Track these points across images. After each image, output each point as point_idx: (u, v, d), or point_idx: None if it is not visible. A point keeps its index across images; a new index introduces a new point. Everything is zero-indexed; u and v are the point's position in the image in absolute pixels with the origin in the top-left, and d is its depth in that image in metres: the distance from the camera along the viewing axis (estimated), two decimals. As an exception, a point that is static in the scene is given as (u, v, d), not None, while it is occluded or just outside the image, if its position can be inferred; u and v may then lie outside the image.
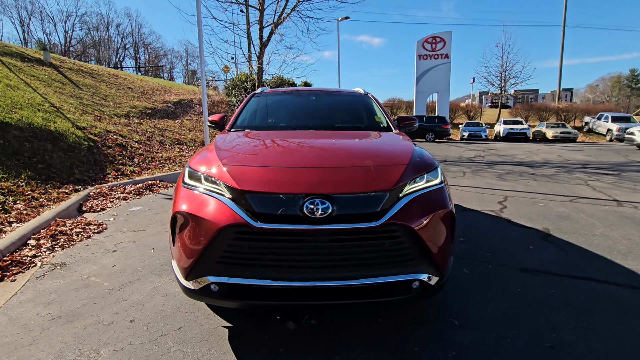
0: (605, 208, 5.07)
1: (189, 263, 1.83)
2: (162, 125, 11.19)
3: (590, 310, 2.34)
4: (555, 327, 2.16)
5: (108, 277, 2.86)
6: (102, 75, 14.00)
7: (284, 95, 3.80)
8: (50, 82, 10.15)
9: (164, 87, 17.12)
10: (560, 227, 4.17)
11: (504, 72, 30.50)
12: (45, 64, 11.52)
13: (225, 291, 1.81)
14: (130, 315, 2.29)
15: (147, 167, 7.72)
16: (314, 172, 1.89)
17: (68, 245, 3.58)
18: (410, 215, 1.78)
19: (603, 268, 3.01)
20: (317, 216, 1.68)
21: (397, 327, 2.15)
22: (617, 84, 61.50)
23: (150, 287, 2.68)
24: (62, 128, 7.20)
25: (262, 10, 13.06)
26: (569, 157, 12.21)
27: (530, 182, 7.28)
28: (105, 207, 5.11)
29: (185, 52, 60.06)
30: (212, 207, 1.80)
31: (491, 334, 2.09)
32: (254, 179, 1.84)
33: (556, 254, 3.35)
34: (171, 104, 13.93)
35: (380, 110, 3.48)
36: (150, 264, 3.10)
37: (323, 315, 2.28)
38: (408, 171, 1.96)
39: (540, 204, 5.34)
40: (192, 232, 1.82)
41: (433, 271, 1.88)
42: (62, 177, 5.80)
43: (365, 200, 1.77)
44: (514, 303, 2.44)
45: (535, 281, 2.77)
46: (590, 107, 31.04)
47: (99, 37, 52.36)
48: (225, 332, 2.11)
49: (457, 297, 2.52)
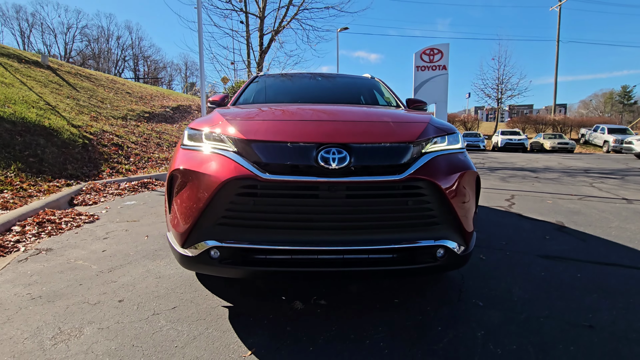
0: (616, 205, 4.92)
1: (187, 227, 1.63)
2: (160, 129, 11.03)
3: (624, 292, 2.14)
4: (590, 307, 1.96)
5: (97, 260, 2.63)
6: (100, 79, 13.90)
7: (286, 77, 3.65)
8: (46, 83, 10.01)
9: (162, 94, 17.05)
10: (574, 220, 3.99)
11: (500, 84, 30.90)
12: (42, 67, 11.41)
13: (227, 257, 1.60)
14: (119, 296, 2.06)
15: (143, 167, 7.51)
16: (329, 124, 1.71)
17: (56, 232, 3.34)
18: (436, 172, 1.61)
19: (628, 255, 2.83)
20: (333, 167, 1.50)
21: (416, 308, 1.94)
22: (610, 100, 62.56)
23: (142, 270, 2.45)
24: (57, 125, 7.01)
25: (262, 17, 13.15)
26: (569, 164, 12.14)
27: (535, 183, 7.14)
28: (97, 201, 4.88)
29: (184, 64, 60.52)
30: (215, 162, 1.62)
31: (521, 314, 1.88)
32: (261, 129, 1.66)
33: (574, 242, 3.17)
34: (169, 109, 13.81)
35: (390, 91, 3.34)
36: (143, 250, 2.87)
37: (333, 295, 2.07)
38: (429, 129, 1.79)
39: (549, 201, 5.18)
40: (191, 191, 1.62)
41: (459, 239, 1.69)
42: (54, 171, 5.58)
43: (386, 151, 1.59)
44: (540, 286, 2.24)
45: (557, 266, 2.58)
46: (585, 120, 31.40)
47: (99, 49, 52.70)
48: (225, 311, 1.89)
49: (478, 280, 2.32)
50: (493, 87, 31.46)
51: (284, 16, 13.10)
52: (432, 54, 25.10)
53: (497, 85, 31.23)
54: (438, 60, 25.63)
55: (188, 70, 60.27)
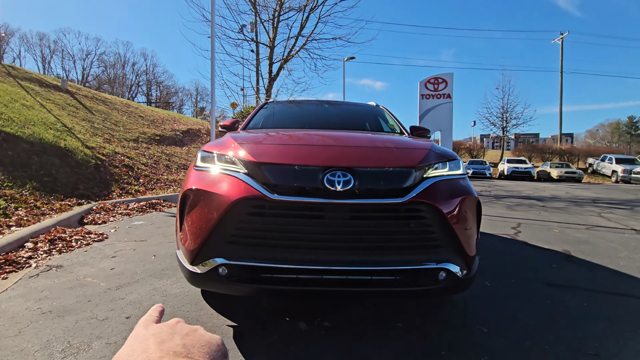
0: (625, 235, 4.86)
1: (197, 244, 1.69)
2: (170, 151, 11.29)
3: (632, 323, 2.12)
4: (596, 336, 1.94)
5: (105, 278, 2.68)
6: (115, 103, 14.43)
7: (294, 104, 3.81)
8: (64, 106, 10.43)
9: (173, 117, 17.56)
10: (581, 249, 3.96)
11: (505, 113, 31.27)
12: (61, 90, 11.92)
13: (234, 275, 1.65)
14: (127, 312, 2.09)
15: (152, 188, 7.66)
16: (334, 148, 1.80)
17: (66, 250, 3.41)
18: (437, 196, 1.67)
19: (636, 285, 2.80)
20: (338, 189, 1.57)
21: (420, 332, 1.94)
22: (617, 130, 62.62)
23: (149, 288, 2.49)
24: (72, 146, 7.25)
25: (272, 47, 13.71)
26: (577, 193, 12.05)
27: (542, 212, 7.10)
28: (107, 220, 4.97)
29: (195, 90, 62.47)
30: (226, 183, 1.70)
31: (526, 340, 1.87)
32: (271, 152, 1.76)
33: (582, 272, 3.14)
34: (179, 132, 14.18)
35: (394, 119, 3.46)
36: (150, 269, 2.92)
37: (337, 316, 2.08)
38: (431, 155, 1.87)
39: (556, 230, 5.15)
40: (202, 210, 1.70)
41: (460, 262, 1.72)
42: (66, 190, 5.73)
43: (389, 175, 1.66)
44: (546, 313, 2.23)
45: (564, 295, 2.56)
46: (592, 149, 31.33)
47: (115, 74, 54.91)
48: (229, 330, 1.91)
49: (482, 306, 2.31)
50: (498, 115, 31.86)
51: (292, 46, 13.65)
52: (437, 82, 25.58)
53: (501, 114, 31.62)
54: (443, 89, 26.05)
55: (199, 95, 62.17)
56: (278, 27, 13.65)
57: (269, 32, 13.65)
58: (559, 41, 32.68)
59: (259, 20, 13.64)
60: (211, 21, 9.94)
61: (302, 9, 13.25)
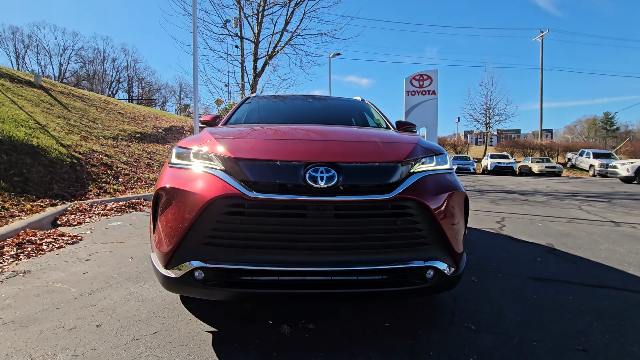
0: (605, 228, 4.96)
1: (171, 247, 1.58)
2: (151, 149, 10.98)
3: (617, 315, 2.12)
4: (583, 330, 1.92)
5: (76, 283, 2.53)
6: (93, 100, 13.93)
7: (278, 99, 3.70)
8: (38, 103, 9.98)
9: (155, 114, 17.11)
10: (563, 242, 4.01)
11: (488, 109, 31.80)
12: (35, 86, 11.41)
13: (212, 278, 1.55)
14: (98, 320, 1.96)
15: (132, 187, 7.40)
16: (317, 143, 1.71)
17: (36, 254, 3.22)
18: (424, 191, 1.60)
19: (619, 277, 2.83)
20: (321, 186, 1.48)
21: (407, 332, 1.88)
22: (593, 126, 64.62)
23: (124, 293, 2.35)
24: (45, 144, 6.93)
25: (257, 42, 13.47)
26: (557, 187, 12.34)
27: (525, 206, 7.21)
28: (82, 221, 4.76)
29: (178, 86, 61.13)
30: (202, 181, 1.59)
31: (514, 337, 1.84)
32: (249, 148, 1.66)
33: (565, 265, 3.16)
34: (162, 129, 13.82)
35: (379, 113, 3.39)
36: (126, 272, 2.78)
37: (323, 318, 2.00)
38: (417, 149, 1.81)
39: (539, 223, 5.21)
40: (176, 210, 1.58)
41: (448, 259, 1.67)
42: (39, 191, 5.46)
43: (374, 171, 1.59)
44: (533, 308, 2.21)
45: (550, 289, 2.56)
46: (570, 144, 32.26)
47: (94, 70, 53.15)
48: (208, 336, 1.80)
49: (470, 303, 2.27)
50: (481, 112, 32.36)
51: (278, 41, 13.44)
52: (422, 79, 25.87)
53: (484, 110, 32.13)
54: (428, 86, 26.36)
55: (182, 92, 60.89)
56: (262, 22, 13.42)
57: (253, 27, 13.40)
58: (539, 39, 33.40)
59: (243, 15, 13.38)
60: (193, 15, 9.67)
61: (287, 4, 13.06)
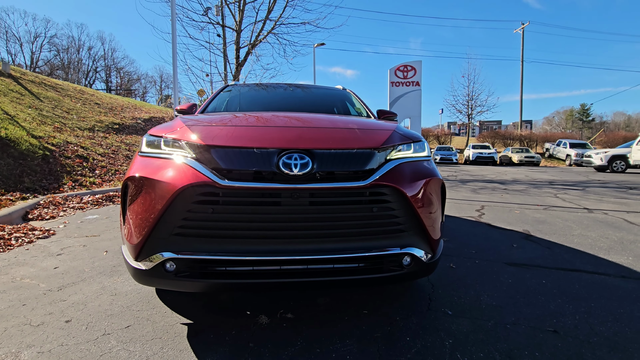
0: (578, 214, 5.13)
1: (141, 238, 1.52)
2: (130, 141, 10.66)
3: (586, 298, 2.19)
4: (554, 312, 1.98)
5: (46, 278, 2.43)
6: (67, 90, 13.37)
7: (259, 87, 3.61)
8: (6, 92, 9.49)
9: (134, 105, 16.58)
10: (539, 229, 4.12)
11: (470, 100, 32.28)
12: (3, 75, 10.84)
13: (184, 270, 1.50)
14: (67, 316, 1.89)
15: (109, 179, 7.18)
16: (291, 130, 1.68)
17: (3, 249, 3.08)
18: (400, 178, 1.59)
19: (589, 261, 2.93)
20: (295, 173, 1.45)
21: (385, 318, 1.89)
22: (570, 117, 66.56)
23: (97, 287, 2.28)
24: (14, 135, 6.62)
25: (239, 31, 13.16)
26: (535, 176, 12.69)
27: (504, 194, 7.38)
28: (56, 215, 4.59)
29: (159, 77, 59.41)
30: (172, 169, 1.53)
31: (489, 321, 1.87)
32: (221, 135, 1.60)
33: (540, 250, 3.25)
34: (141, 120, 13.42)
35: (360, 102, 3.37)
36: (100, 265, 2.69)
37: (301, 307, 1.99)
38: (395, 136, 1.79)
39: (517, 211, 5.35)
40: (145, 200, 1.52)
41: (425, 246, 1.67)
42: (8, 184, 5.22)
43: (350, 157, 1.56)
44: (508, 293, 2.26)
45: (524, 274, 2.62)
46: (549, 135, 33.20)
47: (69, 59, 50.94)
48: (184, 329, 1.76)
49: (447, 289, 2.31)
50: (464, 103, 32.86)
51: (260, 30, 13.17)
52: (406, 70, 25.86)
53: (467, 101, 32.62)
54: (412, 77, 26.37)
55: (163, 83, 59.23)
56: (245, 10, 13.08)
57: (235, 15, 13.06)
58: (520, 31, 33.94)
59: (224, 2, 13.02)
60: (171, 1, 9.34)
61: (269, -10, 12.76)
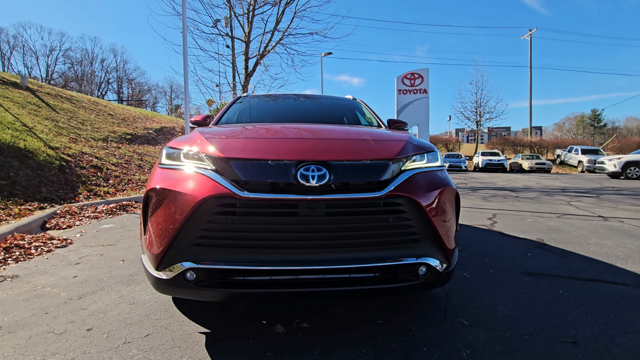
0: (593, 222, 5.05)
1: (162, 248, 1.56)
2: (142, 150, 10.86)
3: (605, 308, 2.16)
4: (572, 323, 1.95)
5: (66, 287, 2.49)
6: (82, 101, 13.72)
7: (270, 98, 3.69)
8: (24, 104, 9.79)
9: (145, 115, 16.92)
10: (553, 237, 4.07)
11: (478, 107, 32.14)
12: (21, 88, 11.20)
13: (204, 279, 1.54)
14: (88, 324, 1.93)
15: (122, 189, 7.31)
16: (308, 142, 1.71)
17: (24, 258, 3.17)
18: (415, 189, 1.61)
19: (607, 270, 2.88)
20: (313, 184, 1.48)
21: (401, 328, 1.89)
22: (581, 123, 65.66)
23: (115, 296, 2.33)
24: (33, 146, 6.81)
25: (248, 42, 13.40)
26: (547, 184, 12.52)
27: (515, 202, 7.30)
28: (72, 225, 4.69)
29: (169, 87, 60.50)
30: (192, 181, 1.58)
31: (506, 331, 1.86)
32: (240, 147, 1.65)
33: (555, 259, 3.21)
34: (152, 130, 13.68)
35: (371, 112, 3.40)
36: (118, 275, 2.74)
37: (317, 317, 2.00)
38: (408, 147, 1.82)
39: (529, 219, 5.28)
40: (167, 211, 1.57)
41: (440, 256, 1.68)
42: (27, 194, 5.36)
43: (365, 168, 1.59)
44: (524, 303, 2.24)
45: (540, 283, 2.59)
46: (559, 141, 32.75)
47: (82, 71, 52.32)
48: (202, 338, 1.79)
49: (462, 298, 2.30)
50: (472, 110, 32.73)
51: (269, 41, 13.39)
52: (413, 78, 25.89)
53: (475, 108, 32.49)
54: (419, 84, 26.36)
55: (173, 93, 60.30)
56: (253, 22, 13.34)
57: (244, 27, 13.33)
58: (528, 37, 33.83)
59: (233, 14, 13.29)
60: (182, 14, 9.58)
61: (277, 3, 12.99)
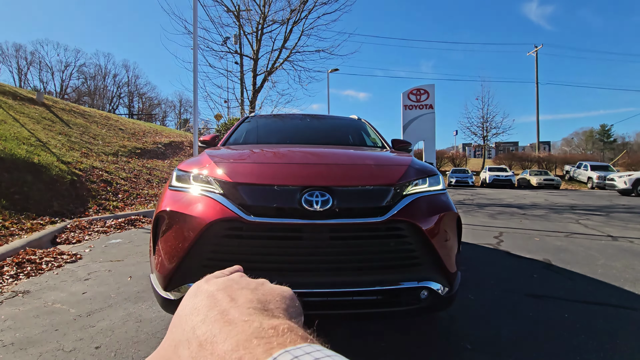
0: (602, 242, 4.99)
1: (171, 269, 1.61)
2: (151, 165, 11.05)
3: (611, 333, 2.14)
4: (578, 349, 1.94)
5: (75, 304, 2.54)
6: (94, 116, 14.09)
7: (277, 118, 3.79)
8: (39, 120, 10.10)
9: (155, 130, 17.27)
10: (560, 258, 4.03)
11: (485, 122, 32.16)
12: (37, 103, 11.57)
13: (210, 300, 1.58)
14: (97, 342, 1.97)
15: (131, 203, 7.44)
16: (312, 167, 1.77)
17: (35, 273, 3.24)
18: (417, 213, 1.65)
19: (614, 294, 2.85)
20: (316, 209, 1.53)
21: (404, 352, 1.90)
22: (590, 138, 65.13)
23: (123, 314, 2.37)
24: (46, 161, 7.00)
25: (256, 59, 13.74)
26: (555, 200, 12.38)
27: (523, 220, 7.24)
28: (82, 239, 4.77)
29: (178, 101, 61.80)
30: (201, 204, 1.64)
31: (509, 356, 1.85)
32: (247, 172, 1.71)
33: (562, 281, 3.18)
34: (161, 145, 13.94)
35: (375, 132, 3.47)
36: (125, 291, 2.79)
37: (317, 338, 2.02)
38: (410, 172, 1.87)
39: (537, 238, 5.24)
40: (176, 233, 1.63)
41: (442, 279, 1.70)
42: (39, 208, 5.49)
43: (368, 194, 1.64)
44: (528, 327, 2.22)
45: (546, 306, 2.57)
46: (568, 157, 32.47)
47: (95, 86, 53.81)
48: (206, 358, 1.82)
49: (466, 321, 2.29)
50: (478, 125, 32.74)
51: (276, 58, 13.70)
52: (419, 93, 26.06)
53: (482, 123, 32.50)
54: (425, 100, 26.53)
55: (182, 107, 61.54)
56: (262, 40, 13.71)
57: (252, 45, 13.69)
58: (534, 54, 34.06)
59: (242, 32, 13.69)
60: (193, 33, 9.90)
61: (286, 22, 13.37)
